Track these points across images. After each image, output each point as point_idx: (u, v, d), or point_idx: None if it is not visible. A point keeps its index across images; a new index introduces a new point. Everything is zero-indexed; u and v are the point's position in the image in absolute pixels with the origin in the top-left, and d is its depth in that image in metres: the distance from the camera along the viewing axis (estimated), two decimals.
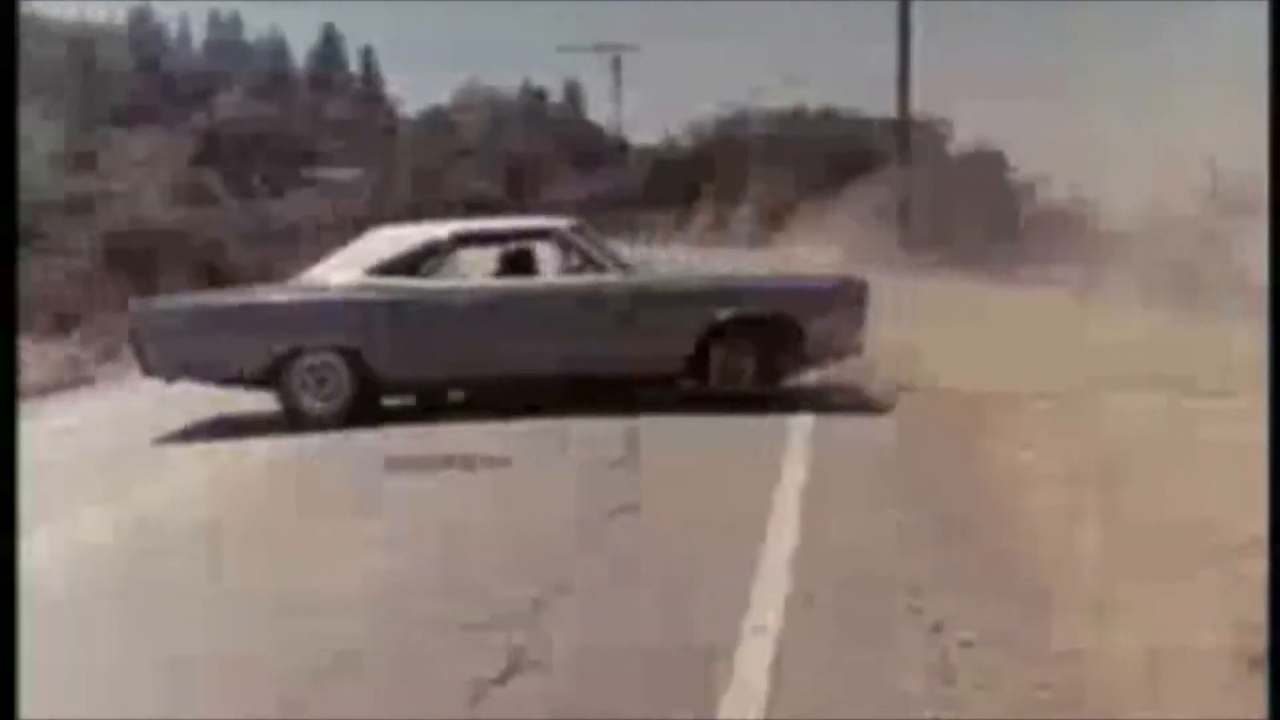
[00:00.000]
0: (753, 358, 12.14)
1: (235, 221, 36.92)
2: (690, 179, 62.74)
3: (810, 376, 12.98)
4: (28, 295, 16.73)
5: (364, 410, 12.05)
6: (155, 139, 54.41)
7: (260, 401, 12.47)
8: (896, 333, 14.42)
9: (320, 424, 11.77)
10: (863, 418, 11.49)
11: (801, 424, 11.09)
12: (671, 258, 39.16)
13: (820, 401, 12.23)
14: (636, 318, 12.14)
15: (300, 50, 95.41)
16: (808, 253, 36.54)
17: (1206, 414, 9.72)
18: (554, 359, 12.14)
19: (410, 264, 12.34)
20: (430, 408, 12.49)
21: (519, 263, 12.61)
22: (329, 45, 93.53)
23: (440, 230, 12.83)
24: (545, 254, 12.65)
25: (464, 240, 12.64)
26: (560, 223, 12.98)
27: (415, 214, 55.14)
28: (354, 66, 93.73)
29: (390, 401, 12.48)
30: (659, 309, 12.26)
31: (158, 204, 37.54)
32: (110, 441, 12.49)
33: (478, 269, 12.57)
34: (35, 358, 16.93)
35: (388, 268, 12.29)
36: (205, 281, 23.32)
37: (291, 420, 11.98)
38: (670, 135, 70.62)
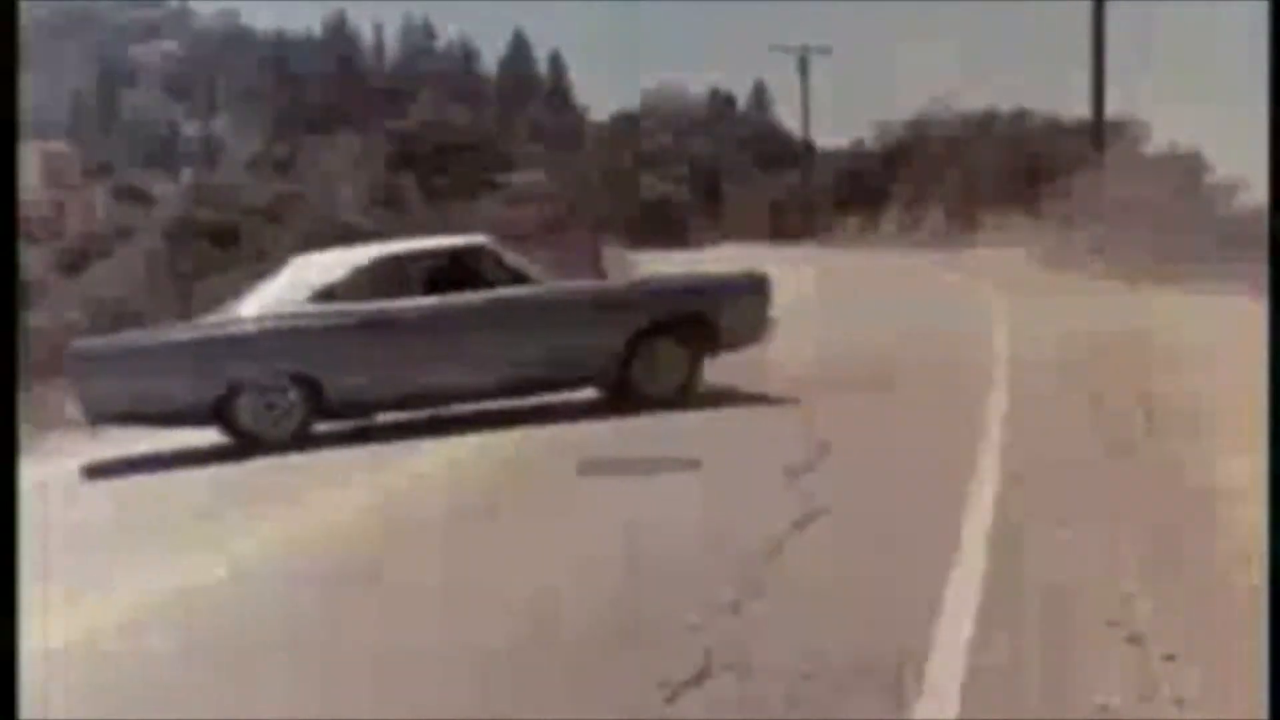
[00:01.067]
0: (682, 355, 13.00)
1: (428, 225, 37.58)
2: (878, 182, 62.26)
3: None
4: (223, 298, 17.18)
5: (313, 432, 12.29)
6: (350, 145, 55.71)
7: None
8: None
9: (272, 448, 11.81)
10: None
11: None
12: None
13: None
14: (567, 325, 12.76)
15: (490, 56, 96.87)
16: (997, 257, 36.08)
17: None
18: (493, 370, 12.62)
19: (347, 288, 12.56)
20: (362, 430, 12.66)
21: (446, 280, 12.87)
22: (518, 51, 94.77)
23: (366, 254, 13.21)
24: (469, 271, 12.95)
25: (390, 262, 13.00)
26: (481, 239, 13.53)
27: (604, 218, 55.36)
28: (543, 71, 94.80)
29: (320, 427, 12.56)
30: (585, 316, 12.91)
31: (353, 208, 38.43)
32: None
33: (406, 290, 12.78)
34: None
35: (327, 293, 12.49)
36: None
37: (243, 448, 11.98)
38: (858, 137, 70.20)
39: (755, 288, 13.74)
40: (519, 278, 12.95)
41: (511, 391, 12.95)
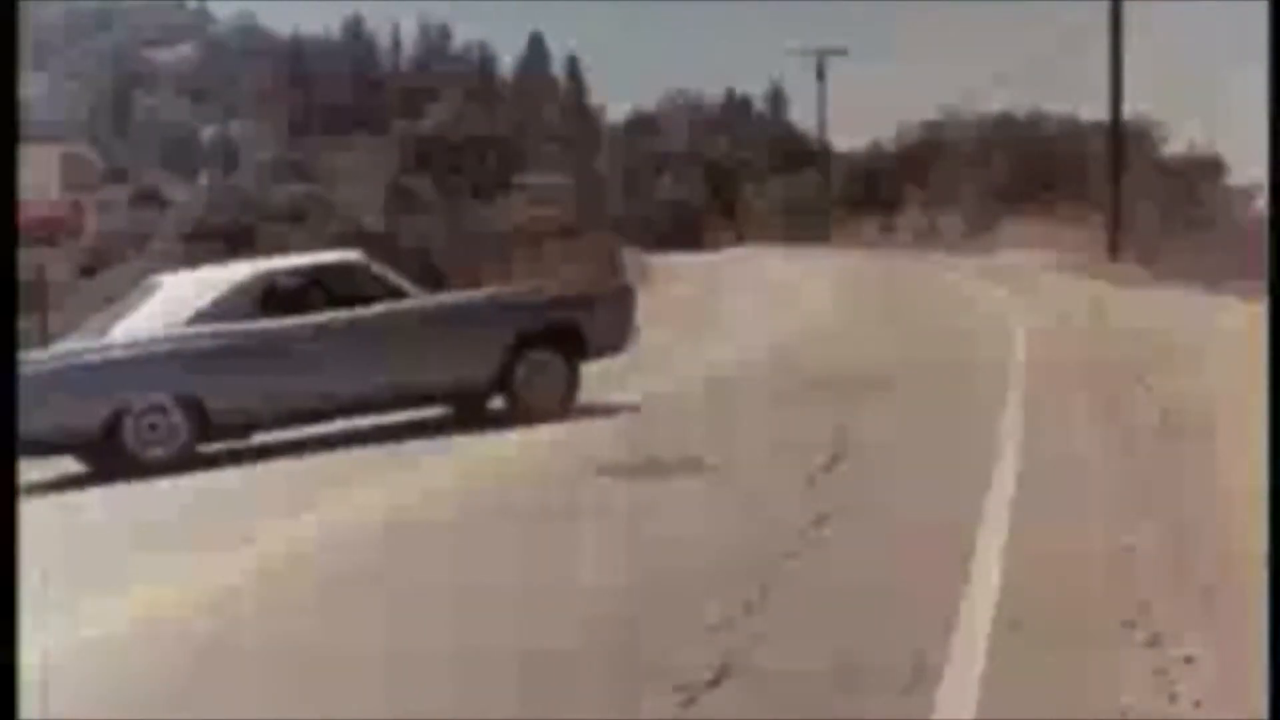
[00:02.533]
0: (558, 361, 13.27)
1: (445, 227, 37.68)
2: (895, 184, 62.16)
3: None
4: None
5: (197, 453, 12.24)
6: (367, 147, 55.79)
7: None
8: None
9: (157, 470, 11.73)
10: None
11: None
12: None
13: None
14: (441, 337, 12.91)
15: (507, 59, 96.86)
16: (1016, 260, 35.99)
17: None
18: (374, 383, 12.66)
19: (225, 308, 12.53)
20: (236, 451, 12.65)
21: (322, 296, 12.97)
22: (535, 53, 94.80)
23: (241, 272, 13.26)
24: (344, 287, 13.07)
25: (265, 280, 12.98)
26: (355, 255, 13.83)
27: (620, 220, 55.31)
28: (559, 74, 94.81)
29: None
30: (461, 327, 13.13)
31: (371, 209, 38.49)
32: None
33: (282, 307, 12.78)
34: None
35: (206, 314, 12.47)
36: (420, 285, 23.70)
37: (128, 471, 11.82)
38: (875, 139, 70.08)
39: (619, 298, 14.38)
40: (394, 292, 13.12)
41: (393, 405, 13.14)
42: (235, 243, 32.69)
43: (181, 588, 7.44)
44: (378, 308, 12.88)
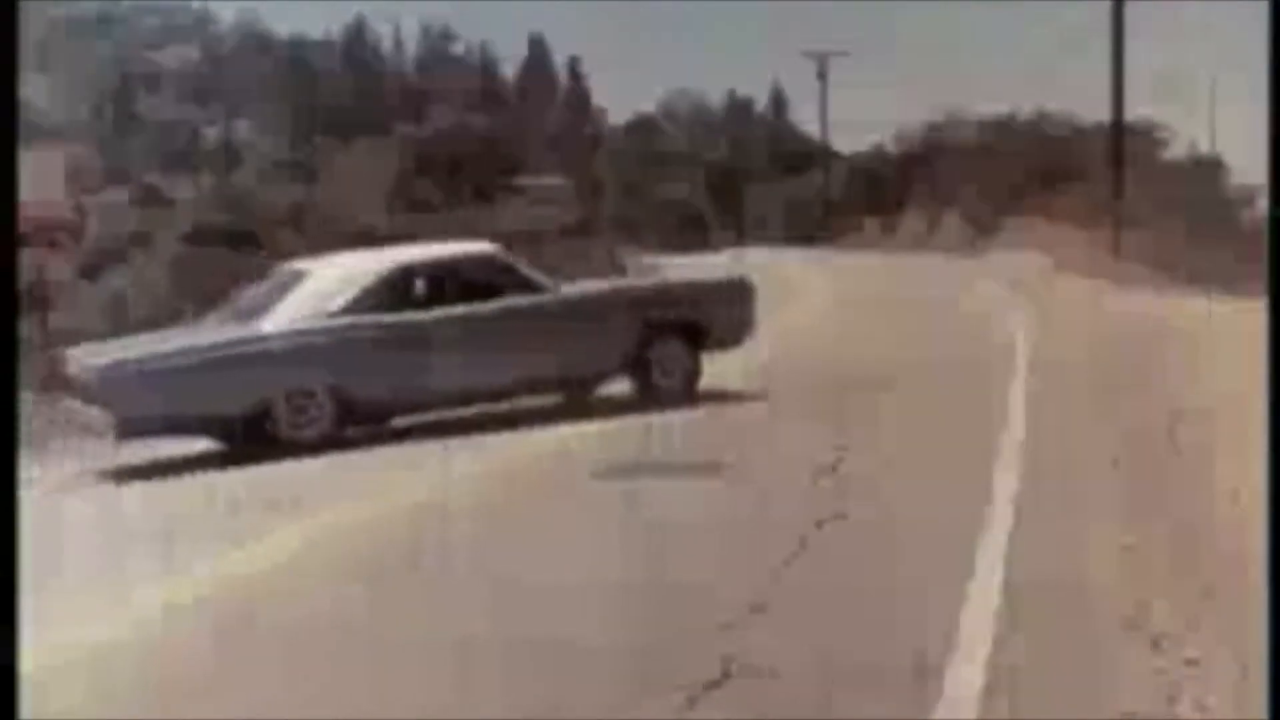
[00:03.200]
0: (684, 352, 13.86)
1: (447, 229, 37.58)
2: (897, 186, 62.20)
3: None
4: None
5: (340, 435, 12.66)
6: (369, 149, 55.77)
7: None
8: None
9: (299, 451, 12.18)
10: None
11: None
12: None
13: None
14: (577, 328, 13.53)
15: (509, 61, 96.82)
16: (1017, 261, 35.98)
17: None
18: (511, 372, 13.23)
19: (372, 298, 13.03)
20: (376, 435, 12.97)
21: (456, 285, 13.41)
22: (537, 55, 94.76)
23: (384, 262, 13.68)
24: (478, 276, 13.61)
25: (409, 270, 13.44)
26: (489, 247, 14.35)
27: (621, 222, 55.42)
28: (561, 76, 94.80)
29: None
30: (595, 318, 13.72)
31: (372, 211, 38.45)
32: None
33: (420, 296, 13.31)
34: None
35: (353, 304, 12.95)
36: None
37: (270, 452, 12.24)
38: (877, 141, 70.07)
39: (740, 293, 14.70)
40: (523, 282, 13.61)
41: (527, 392, 13.63)
42: (236, 244, 32.64)
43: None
44: (518, 300, 13.42)
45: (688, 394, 13.65)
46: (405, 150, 55.11)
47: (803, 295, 28.96)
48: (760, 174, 72.74)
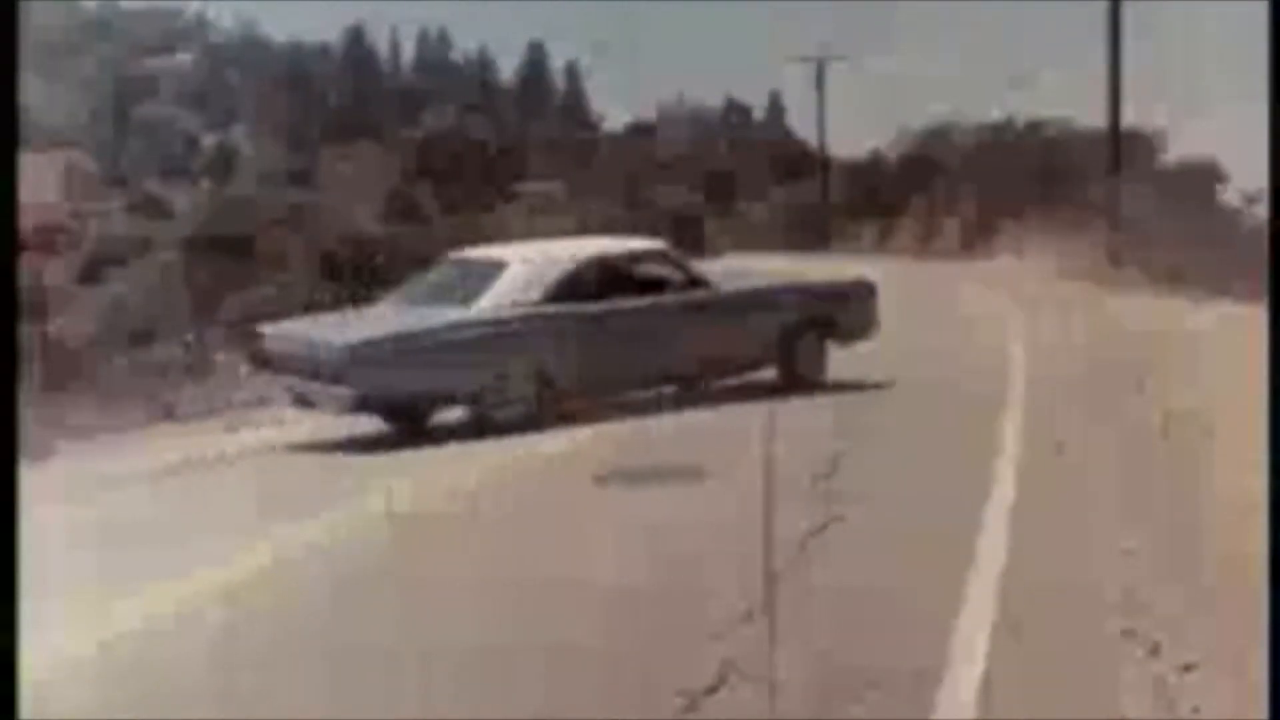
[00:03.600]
0: (818, 344, 15.34)
1: (445, 235, 37.56)
2: (895, 192, 62.15)
3: None
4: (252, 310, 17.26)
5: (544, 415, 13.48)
6: (367, 155, 55.78)
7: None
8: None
9: (504, 430, 13.03)
10: None
11: None
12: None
13: None
14: (738, 320, 14.92)
15: (507, 67, 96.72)
16: (1016, 267, 35.99)
17: None
18: (691, 356, 14.55)
19: (570, 287, 14.10)
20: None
21: (629, 277, 14.65)
22: (534, 61, 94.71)
23: (577, 254, 14.79)
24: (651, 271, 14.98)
25: (598, 262, 14.56)
26: (661, 244, 15.98)
27: (619, 228, 55.56)
28: (559, 82, 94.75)
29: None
30: (751, 312, 15.09)
31: (370, 217, 38.45)
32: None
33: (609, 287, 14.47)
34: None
35: (554, 293, 13.97)
36: None
37: (479, 430, 13.20)
38: (875, 147, 70.02)
39: (868, 292, 16.27)
40: (689, 276, 15.02)
41: (698, 376, 14.91)
42: (235, 249, 32.64)
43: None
44: (692, 293, 14.79)
45: (820, 382, 14.94)
46: (403, 156, 55.12)
47: None
48: (759, 181, 72.71)
